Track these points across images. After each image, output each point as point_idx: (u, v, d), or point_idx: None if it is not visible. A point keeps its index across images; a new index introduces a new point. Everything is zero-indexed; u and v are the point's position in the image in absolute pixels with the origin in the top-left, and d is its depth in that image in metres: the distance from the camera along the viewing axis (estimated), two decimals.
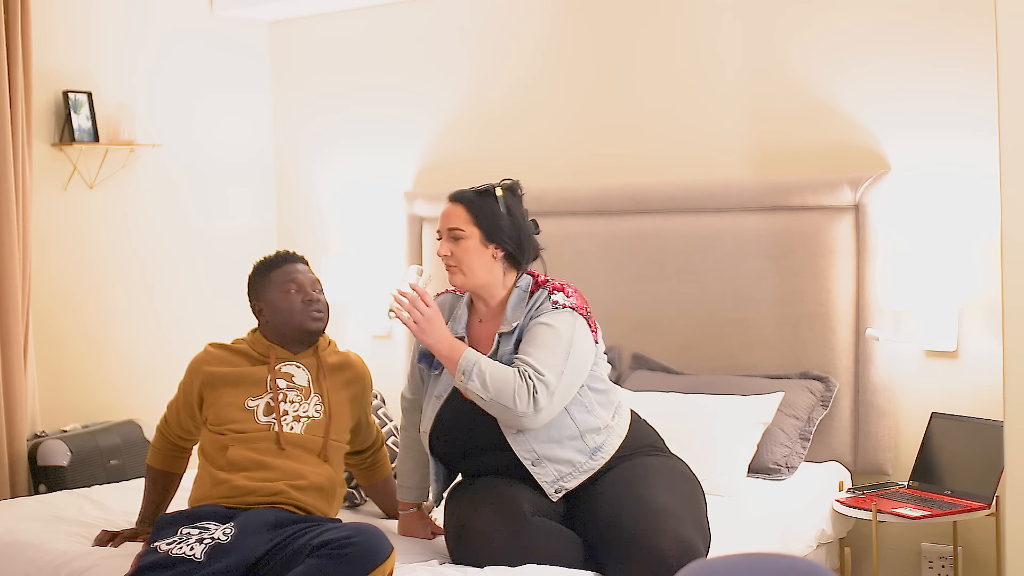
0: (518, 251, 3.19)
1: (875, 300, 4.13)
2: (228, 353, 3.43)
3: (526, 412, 3.01)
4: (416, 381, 3.40)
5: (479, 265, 3.17)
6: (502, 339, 3.18)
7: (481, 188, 3.21)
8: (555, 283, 3.22)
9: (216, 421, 3.34)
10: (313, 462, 3.30)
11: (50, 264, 4.91)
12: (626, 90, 4.75)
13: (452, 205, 3.21)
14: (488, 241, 3.16)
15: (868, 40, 4.20)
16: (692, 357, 4.44)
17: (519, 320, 3.16)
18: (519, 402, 3.00)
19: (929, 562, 4.13)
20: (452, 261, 3.18)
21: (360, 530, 2.98)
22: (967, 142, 3.99)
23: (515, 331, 3.15)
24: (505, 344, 3.16)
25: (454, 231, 3.18)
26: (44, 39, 4.81)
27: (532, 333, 3.10)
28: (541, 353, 3.06)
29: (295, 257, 3.47)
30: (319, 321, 3.39)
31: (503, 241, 3.17)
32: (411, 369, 3.41)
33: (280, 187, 5.76)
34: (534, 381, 3.02)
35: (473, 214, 3.17)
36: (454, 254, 3.17)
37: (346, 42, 5.50)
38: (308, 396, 3.37)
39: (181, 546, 3.00)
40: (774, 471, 4.04)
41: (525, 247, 3.21)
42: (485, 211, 3.17)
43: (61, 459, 4.54)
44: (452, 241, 3.18)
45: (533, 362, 3.04)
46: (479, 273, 3.18)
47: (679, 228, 4.48)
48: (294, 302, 3.37)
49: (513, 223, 3.18)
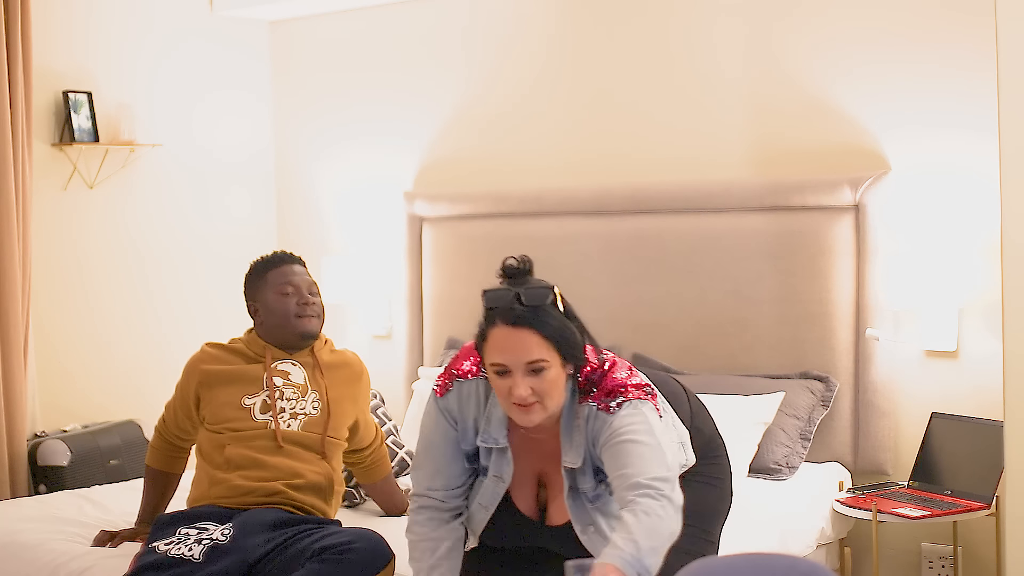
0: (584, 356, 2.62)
1: (875, 300, 4.13)
2: (224, 352, 3.43)
3: (679, 517, 2.46)
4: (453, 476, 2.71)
5: (560, 393, 2.58)
6: (575, 476, 2.63)
7: (543, 298, 2.56)
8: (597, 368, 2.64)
9: (213, 420, 3.34)
10: (311, 460, 3.30)
11: (50, 264, 4.91)
12: (626, 90, 4.75)
13: (520, 332, 2.53)
14: (566, 362, 2.57)
15: (868, 40, 4.19)
16: (692, 357, 4.44)
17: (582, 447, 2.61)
18: (673, 522, 2.44)
19: (929, 562, 4.13)
20: (533, 398, 2.53)
21: (361, 536, 2.98)
22: (967, 142, 3.98)
23: (585, 463, 2.61)
24: (581, 481, 2.63)
25: (535, 364, 2.52)
26: (44, 39, 4.81)
27: (616, 452, 2.53)
28: (642, 463, 2.49)
29: (292, 258, 3.46)
30: (314, 325, 3.39)
31: (576, 356, 2.59)
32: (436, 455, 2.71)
33: (280, 187, 5.76)
34: (658, 490, 2.45)
35: (551, 338, 2.53)
36: (535, 390, 2.53)
37: (346, 42, 5.50)
38: (305, 393, 3.36)
39: (179, 546, 3.01)
40: (775, 471, 4.03)
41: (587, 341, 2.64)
42: (558, 329, 2.55)
43: (61, 459, 4.54)
44: (532, 375, 2.52)
45: (641, 478, 2.46)
46: (559, 400, 2.58)
47: (679, 228, 4.48)
48: (289, 305, 3.37)
49: (576, 325, 2.60)
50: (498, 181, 5.01)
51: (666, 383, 2.87)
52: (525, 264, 2.60)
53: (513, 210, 4.86)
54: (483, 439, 2.66)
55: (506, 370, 2.53)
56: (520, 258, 2.61)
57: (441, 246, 5.08)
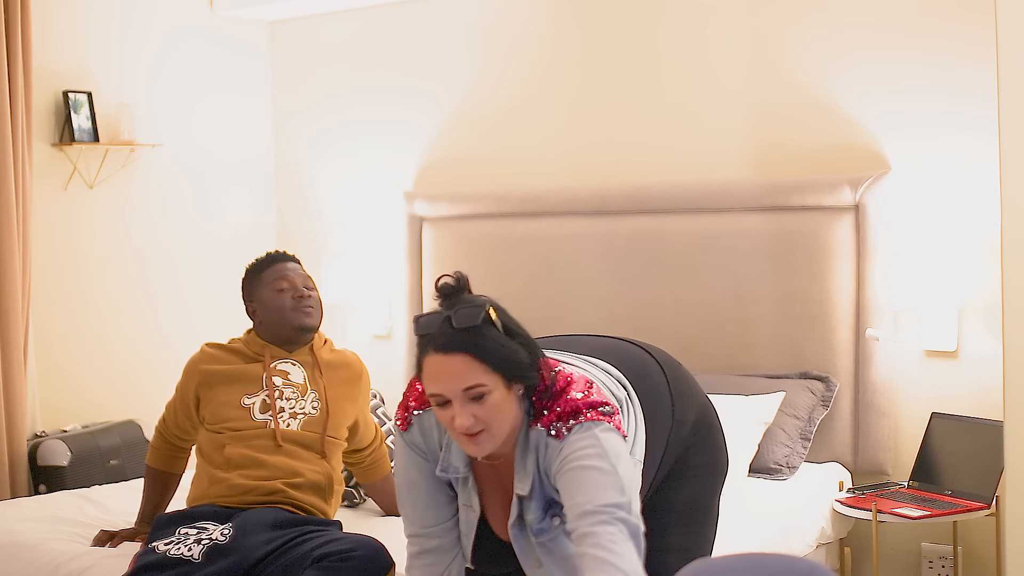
0: (536, 374, 2.40)
1: (875, 300, 4.13)
2: (224, 352, 3.44)
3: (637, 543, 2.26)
4: (441, 510, 2.54)
5: (508, 417, 2.36)
6: (524, 504, 2.43)
7: (472, 319, 2.34)
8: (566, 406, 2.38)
9: (213, 420, 3.34)
10: (310, 459, 3.31)
11: (50, 264, 4.91)
12: (627, 91, 4.75)
13: (451, 358, 2.33)
14: (511, 383, 2.35)
15: (868, 40, 4.20)
16: (692, 357, 4.40)
17: (532, 476, 2.40)
18: (631, 556, 2.22)
19: (929, 562, 4.13)
20: (479, 427, 2.33)
21: (362, 543, 2.98)
22: (967, 142, 3.99)
23: (533, 491, 2.40)
24: (530, 510, 2.42)
25: (473, 390, 2.32)
26: (44, 39, 4.81)
27: (567, 482, 2.32)
28: (594, 490, 2.28)
29: (285, 256, 3.48)
30: (311, 317, 3.39)
31: (525, 375, 2.37)
32: (419, 492, 2.53)
33: (280, 187, 5.76)
34: (611, 514, 2.24)
35: (487, 361, 2.32)
36: (479, 418, 2.32)
37: (346, 42, 5.50)
38: (304, 393, 3.37)
39: (179, 546, 3.01)
40: (775, 471, 4.03)
41: (537, 357, 2.41)
42: (495, 349, 2.33)
43: (61, 459, 4.54)
44: (472, 403, 2.32)
45: (591, 505, 2.26)
46: (508, 425, 2.37)
47: (679, 228, 4.48)
48: (285, 300, 3.38)
49: (519, 340, 2.37)
50: (498, 181, 5.01)
51: (648, 376, 2.63)
52: (460, 282, 2.39)
53: (513, 210, 4.86)
54: (443, 469, 2.48)
55: (445, 400, 2.33)
56: (455, 275, 2.40)
57: (441, 246, 5.08)
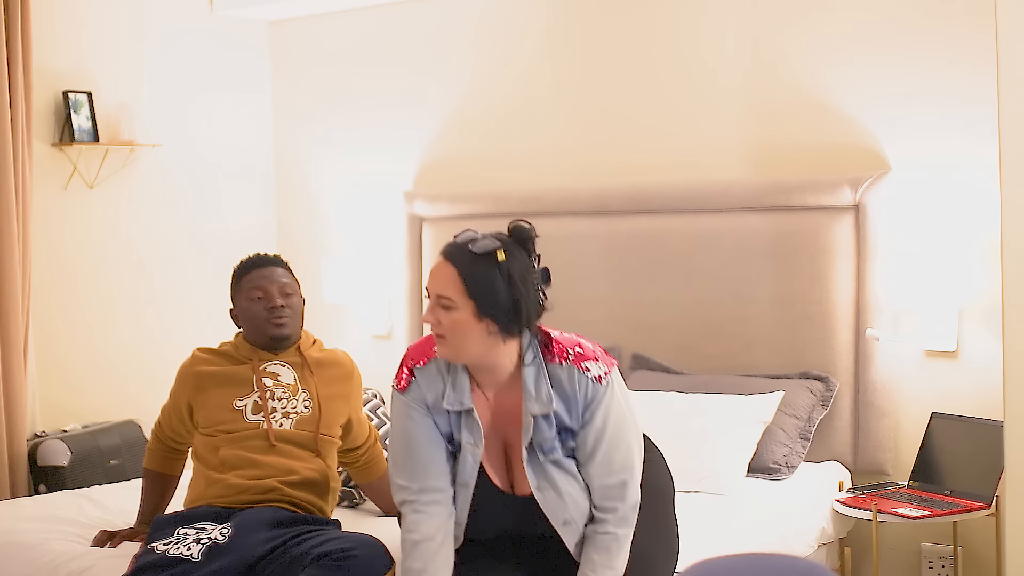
0: (513, 322, 2.69)
1: (875, 300, 4.13)
2: (214, 356, 3.47)
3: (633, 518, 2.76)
4: (440, 460, 2.77)
5: (470, 340, 2.68)
6: (537, 423, 2.71)
7: (481, 248, 2.68)
8: (565, 344, 2.75)
9: (206, 423, 3.37)
10: (305, 457, 3.32)
11: (50, 264, 4.91)
12: (626, 90, 4.75)
13: (444, 265, 2.70)
14: (482, 316, 2.66)
15: (868, 40, 4.20)
16: (692, 357, 4.44)
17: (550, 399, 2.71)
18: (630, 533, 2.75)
19: (929, 562, 4.13)
20: (440, 331, 2.68)
21: (361, 542, 2.98)
22: (967, 142, 3.99)
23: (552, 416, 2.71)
24: (545, 429, 2.71)
25: (443, 299, 2.67)
26: (44, 39, 4.81)
27: (592, 443, 2.71)
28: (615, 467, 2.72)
29: (266, 260, 3.47)
30: (283, 328, 3.40)
31: (498, 317, 2.67)
32: (418, 445, 2.77)
33: (280, 187, 5.76)
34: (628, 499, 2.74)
35: (467, 283, 2.66)
36: (442, 323, 2.67)
37: (346, 42, 5.50)
38: (296, 393, 3.39)
39: (178, 546, 3.01)
40: (774, 471, 4.03)
41: (523, 316, 2.69)
42: (481, 281, 2.66)
43: (61, 459, 4.54)
44: (441, 309, 2.68)
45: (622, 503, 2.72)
46: (470, 348, 2.69)
47: (679, 228, 4.48)
48: (259, 309, 3.40)
49: (514, 292, 2.67)
50: (498, 181, 5.01)
51: None
52: (519, 230, 2.73)
53: (513, 210, 4.84)
54: (449, 403, 2.74)
55: (428, 296, 2.72)
56: (526, 225, 2.74)
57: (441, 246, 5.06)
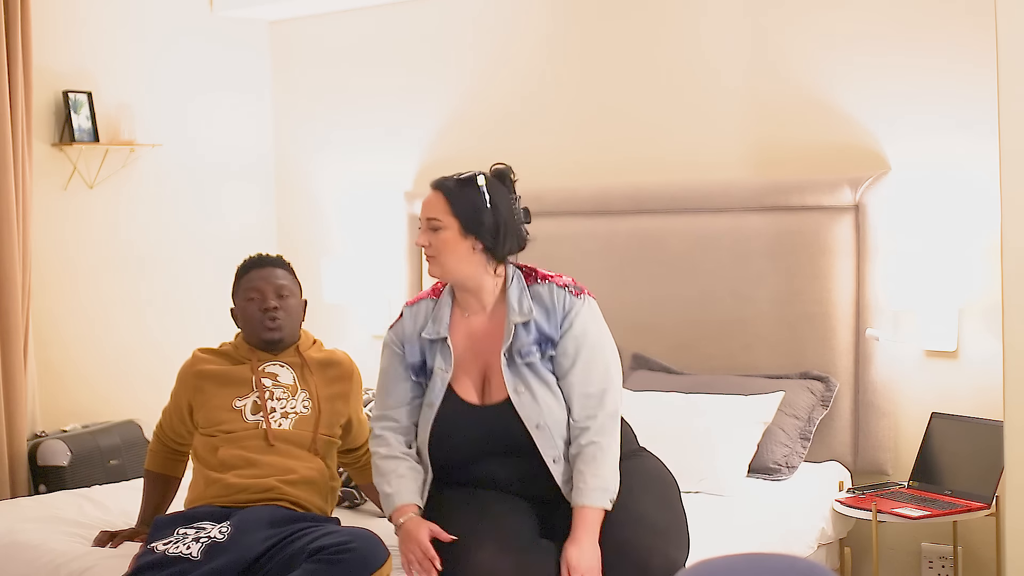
0: (496, 245, 3.05)
1: (875, 300, 4.13)
2: (214, 356, 3.47)
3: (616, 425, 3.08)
4: (401, 393, 3.14)
5: (456, 257, 3.04)
6: (519, 329, 3.05)
7: (465, 176, 3.09)
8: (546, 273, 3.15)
9: (206, 424, 3.37)
10: (304, 456, 3.32)
11: (50, 264, 4.91)
12: (626, 90, 4.75)
13: (433, 193, 3.09)
14: (467, 233, 3.04)
15: (868, 40, 4.20)
16: (692, 357, 4.44)
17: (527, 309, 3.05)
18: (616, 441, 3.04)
19: (929, 562, 4.13)
20: (430, 251, 3.06)
21: (357, 535, 2.98)
22: (967, 142, 3.98)
23: (532, 323, 3.05)
24: (524, 336, 3.05)
25: (432, 221, 3.05)
26: (44, 39, 4.81)
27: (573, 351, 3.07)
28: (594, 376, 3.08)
29: (266, 261, 3.48)
30: (276, 331, 3.40)
31: (481, 235, 3.04)
32: (387, 380, 3.16)
33: (280, 187, 5.76)
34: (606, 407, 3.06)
35: (452, 204, 3.04)
36: (432, 244, 3.05)
37: (346, 42, 5.50)
38: (295, 393, 3.39)
39: (178, 545, 3.02)
40: (774, 471, 4.03)
41: (505, 240, 3.07)
42: (465, 202, 3.04)
43: (61, 459, 4.54)
44: (431, 231, 3.05)
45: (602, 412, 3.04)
46: (457, 265, 3.05)
47: (679, 228, 4.48)
48: (253, 310, 3.40)
49: (495, 215, 3.05)
50: None
51: None
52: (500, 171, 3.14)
53: None
54: (427, 333, 3.10)
55: (420, 225, 3.09)
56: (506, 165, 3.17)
57: None
